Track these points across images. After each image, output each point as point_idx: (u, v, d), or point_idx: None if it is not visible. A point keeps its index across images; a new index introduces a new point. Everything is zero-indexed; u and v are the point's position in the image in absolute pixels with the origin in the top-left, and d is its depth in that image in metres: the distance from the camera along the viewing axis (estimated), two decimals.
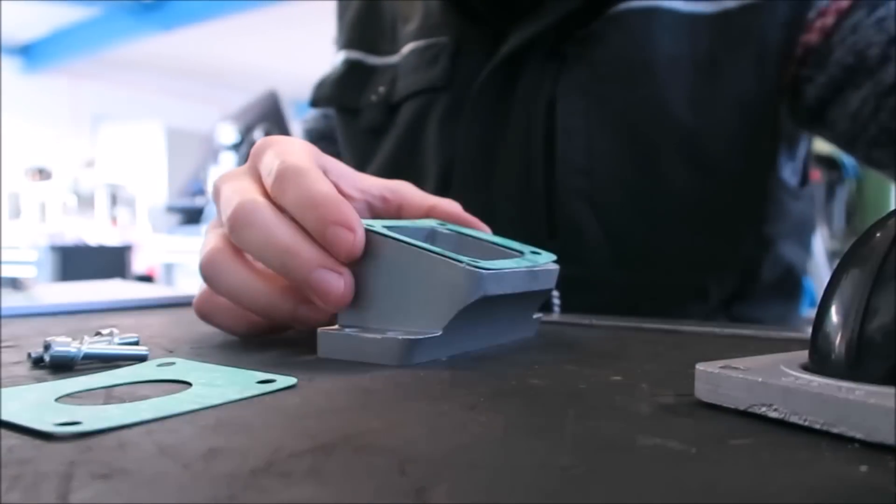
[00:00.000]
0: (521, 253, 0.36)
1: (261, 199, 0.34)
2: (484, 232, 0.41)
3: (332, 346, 0.32)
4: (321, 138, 0.75)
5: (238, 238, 0.34)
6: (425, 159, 0.62)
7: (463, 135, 0.59)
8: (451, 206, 0.41)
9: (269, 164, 0.35)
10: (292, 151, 0.36)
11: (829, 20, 0.53)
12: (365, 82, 0.68)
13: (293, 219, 0.33)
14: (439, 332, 0.30)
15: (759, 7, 0.53)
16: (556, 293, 0.56)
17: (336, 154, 0.74)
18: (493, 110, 0.59)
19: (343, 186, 0.39)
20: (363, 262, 0.32)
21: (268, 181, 0.35)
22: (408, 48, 0.65)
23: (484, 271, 0.30)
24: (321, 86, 0.72)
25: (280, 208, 0.33)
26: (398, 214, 0.41)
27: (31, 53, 6.57)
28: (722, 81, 0.54)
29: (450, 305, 0.30)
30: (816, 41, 0.54)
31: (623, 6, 0.55)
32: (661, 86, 0.54)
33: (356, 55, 0.70)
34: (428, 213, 0.41)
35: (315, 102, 0.73)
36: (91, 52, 6.08)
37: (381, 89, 0.66)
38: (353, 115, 0.69)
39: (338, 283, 0.32)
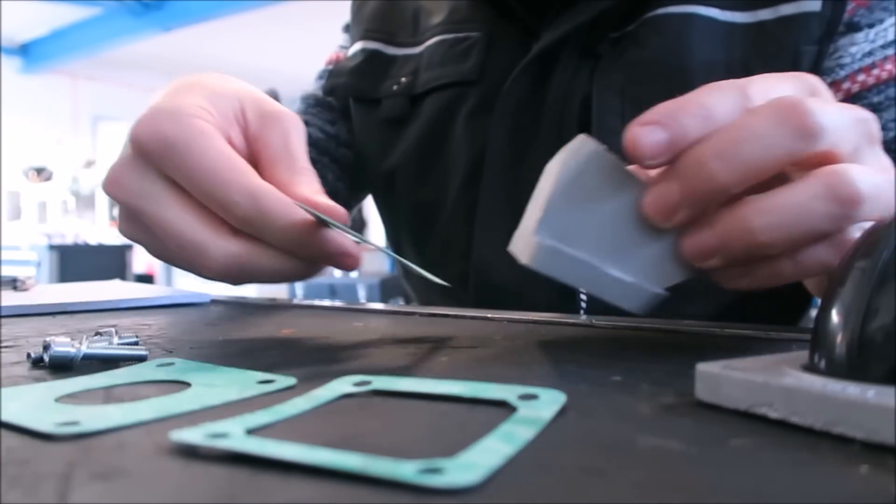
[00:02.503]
0: None
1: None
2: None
3: (554, 264, 0.28)
4: (318, 104, 0.74)
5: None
6: (452, 153, 0.62)
7: (494, 129, 0.59)
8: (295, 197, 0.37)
9: (211, 194, 0.32)
10: (216, 169, 0.32)
11: (855, 87, 0.54)
12: (384, 72, 0.68)
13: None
14: (664, 292, 0.30)
15: (795, 20, 0.53)
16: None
17: (329, 122, 0.73)
18: (525, 106, 0.59)
19: (233, 136, 0.36)
20: (594, 188, 0.29)
21: (236, 218, 0.32)
22: (433, 40, 0.65)
23: None
24: (336, 74, 0.72)
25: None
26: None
27: (30, 53, 6.57)
28: None
29: (680, 271, 0.29)
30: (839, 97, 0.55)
31: (660, 10, 0.56)
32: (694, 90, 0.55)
33: (374, 45, 0.69)
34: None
35: (330, 91, 0.72)
36: (91, 52, 6.08)
37: (403, 79, 0.66)
38: (372, 105, 0.68)
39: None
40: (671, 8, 0.55)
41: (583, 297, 0.57)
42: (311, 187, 0.35)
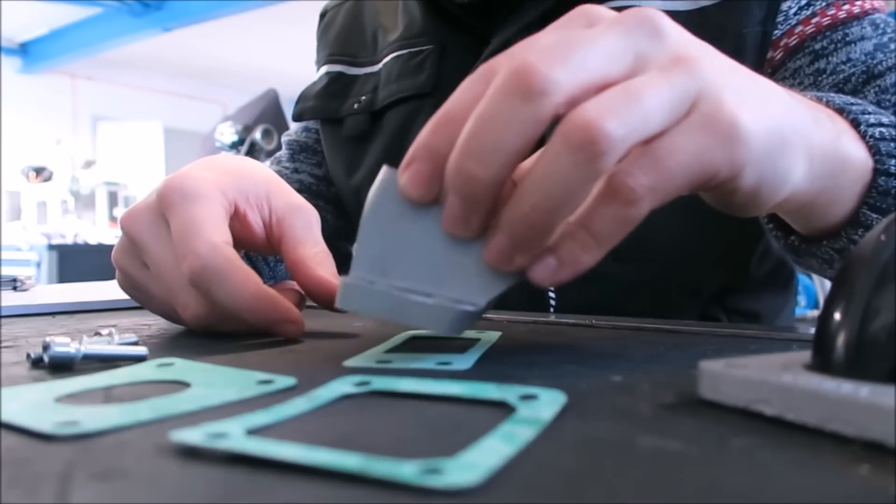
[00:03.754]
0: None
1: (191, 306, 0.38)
2: (323, 290, 0.40)
3: (359, 300, 0.28)
4: (302, 150, 0.77)
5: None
6: None
7: None
8: (313, 269, 0.41)
9: (180, 238, 0.37)
10: (202, 219, 0.37)
11: (777, 55, 0.54)
12: (346, 92, 0.70)
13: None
14: (482, 305, 0.28)
15: (735, 5, 0.54)
16: (553, 291, 0.56)
17: (316, 165, 0.76)
18: None
19: (249, 217, 0.41)
20: (399, 214, 0.28)
21: (183, 266, 0.36)
22: (390, 57, 0.67)
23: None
24: (303, 99, 0.74)
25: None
26: (277, 248, 0.42)
27: (30, 53, 6.58)
28: None
29: (500, 280, 0.28)
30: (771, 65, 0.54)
31: (603, 5, 0.56)
32: None
33: (337, 68, 0.72)
34: (292, 266, 0.41)
35: (298, 116, 0.75)
36: (91, 51, 6.08)
37: (364, 97, 0.68)
38: (337, 125, 0.70)
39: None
40: (613, 3, 0.56)
41: (551, 300, 0.57)
42: (329, 270, 0.41)
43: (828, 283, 0.24)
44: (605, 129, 0.23)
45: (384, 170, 0.29)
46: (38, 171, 5.78)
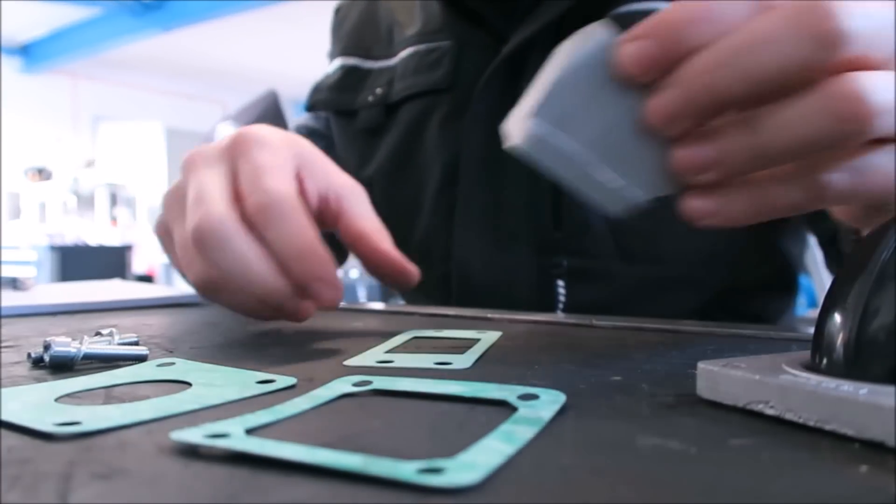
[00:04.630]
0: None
1: (231, 219, 0.35)
2: (404, 269, 0.42)
3: (541, 148, 0.27)
4: (310, 134, 0.76)
5: (207, 256, 0.35)
6: (427, 158, 0.63)
7: (468, 133, 0.61)
8: (378, 242, 0.41)
9: (250, 177, 0.37)
10: (273, 165, 0.37)
11: None
12: (361, 85, 0.70)
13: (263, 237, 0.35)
14: (648, 202, 0.27)
15: None
16: (560, 283, 0.57)
17: (324, 149, 0.75)
18: (497, 109, 0.60)
19: (307, 184, 0.40)
20: (599, 81, 0.27)
21: (248, 200, 0.36)
22: (407, 52, 0.67)
23: None
24: (317, 90, 0.74)
25: (250, 222, 0.36)
26: (333, 223, 0.42)
27: (31, 53, 6.58)
28: None
29: (668, 184, 0.27)
30: None
31: (622, 9, 0.56)
32: None
33: (352, 61, 0.71)
34: (355, 239, 0.41)
35: (311, 107, 0.75)
36: (91, 52, 6.08)
37: (379, 90, 0.68)
38: (350, 117, 0.70)
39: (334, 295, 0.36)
40: (633, 5, 0.56)
41: (561, 296, 0.57)
42: (392, 246, 0.42)
43: (827, 283, 0.24)
44: (874, 108, 0.23)
45: (599, 29, 0.27)
46: (39, 170, 5.79)
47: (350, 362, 0.30)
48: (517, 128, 0.28)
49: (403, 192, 0.66)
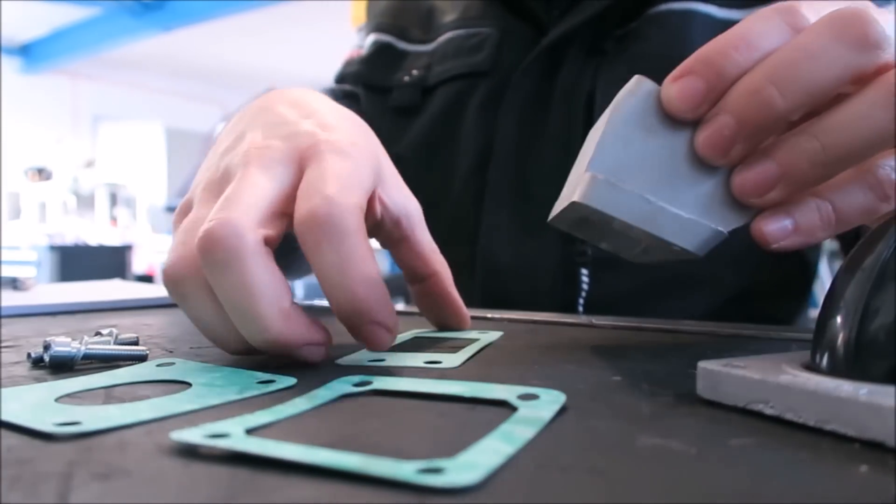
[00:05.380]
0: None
1: (251, 240, 0.27)
2: (460, 314, 0.38)
3: (607, 199, 0.27)
4: (344, 97, 0.75)
5: (210, 272, 0.27)
6: (461, 142, 0.64)
7: (503, 119, 0.62)
8: (449, 285, 0.38)
9: (315, 183, 0.29)
10: (350, 180, 0.30)
11: None
12: (396, 64, 0.70)
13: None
14: (725, 231, 0.28)
15: None
16: (584, 271, 0.57)
17: (359, 113, 0.73)
18: (533, 98, 0.61)
19: (385, 200, 0.35)
20: (649, 125, 0.27)
21: (300, 207, 0.28)
22: (445, 36, 0.67)
23: None
24: (348, 65, 0.74)
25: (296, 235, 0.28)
26: (396, 245, 0.37)
27: (31, 53, 6.58)
28: None
29: (738, 214, 0.27)
30: None
31: (662, 7, 0.58)
32: None
33: (386, 38, 0.71)
34: (423, 277, 0.37)
35: (341, 78, 0.74)
36: (91, 52, 6.08)
37: (415, 72, 0.68)
38: (382, 94, 0.70)
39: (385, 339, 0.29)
40: (672, 5, 0.57)
41: (584, 285, 0.57)
42: (450, 280, 0.38)
43: (828, 283, 0.24)
44: None
45: (637, 79, 0.28)
46: (39, 171, 5.78)
47: (343, 361, 0.30)
48: (574, 187, 0.28)
49: (434, 172, 0.66)
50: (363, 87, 0.72)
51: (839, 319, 0.22)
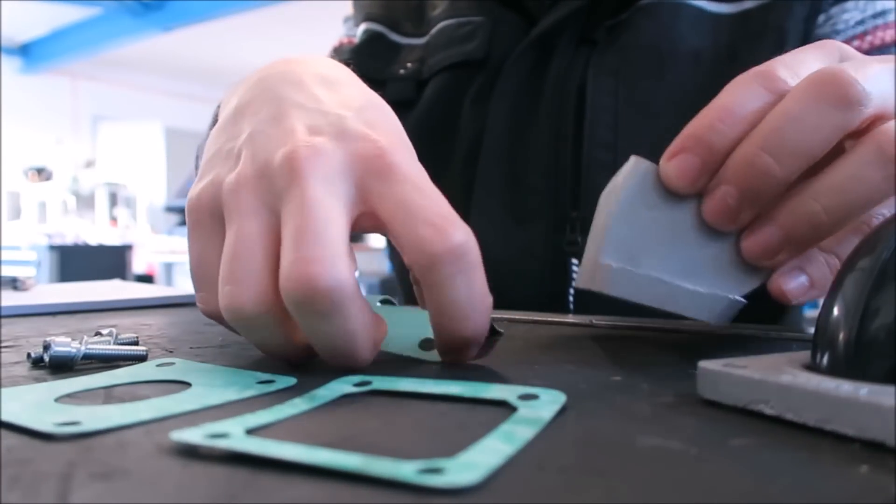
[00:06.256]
0: None
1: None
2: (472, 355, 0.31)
3: (626, 286, 0.28)
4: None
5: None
6: (457, 132, 0.64)
7: (493, 110, 0.62)
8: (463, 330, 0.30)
9: (293, 240, 0.25)
10: (328, 216, 0.26)
11: None
12: (389, 56, 0.69)
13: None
14: (742, 299, 0.29)
15: (778, 4, 0.56)
16: (574, 261, 0.57)
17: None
18: (524, 88, 0.62)
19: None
20: (652, 204, 0.28)
21: (283, 288, 0.25)
22: (437, 27, 0.67)
23: None
24: (338, 51, 0.72)
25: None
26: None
27: (30, 53, 6.58)
28: (740, 73, 0.56)
29: (752, 276, 0.29)
30: None
31: None
32: (683, 75, 0.57)
33: (377, 27, 0.71)
34: (434, 308, 0.29)
35: None
36: (91, 52, 6.08)
37: (410, 65, 0.68)
38: (376, 86, 0.69)
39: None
40: None
41: (574, 275, 0.57)
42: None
43: None
44: None
45: (634, 160, 0.29)
46: (39, 171, 5.78)
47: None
48: (591, 275, 0.29)
49: (427, 164, 0.66)
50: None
51: (839, 319, 0.22)
